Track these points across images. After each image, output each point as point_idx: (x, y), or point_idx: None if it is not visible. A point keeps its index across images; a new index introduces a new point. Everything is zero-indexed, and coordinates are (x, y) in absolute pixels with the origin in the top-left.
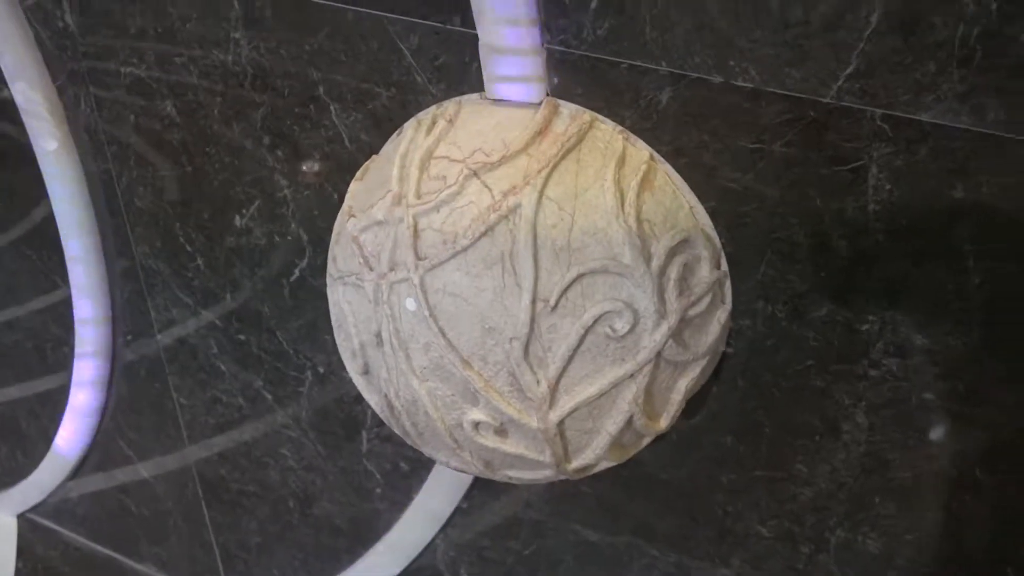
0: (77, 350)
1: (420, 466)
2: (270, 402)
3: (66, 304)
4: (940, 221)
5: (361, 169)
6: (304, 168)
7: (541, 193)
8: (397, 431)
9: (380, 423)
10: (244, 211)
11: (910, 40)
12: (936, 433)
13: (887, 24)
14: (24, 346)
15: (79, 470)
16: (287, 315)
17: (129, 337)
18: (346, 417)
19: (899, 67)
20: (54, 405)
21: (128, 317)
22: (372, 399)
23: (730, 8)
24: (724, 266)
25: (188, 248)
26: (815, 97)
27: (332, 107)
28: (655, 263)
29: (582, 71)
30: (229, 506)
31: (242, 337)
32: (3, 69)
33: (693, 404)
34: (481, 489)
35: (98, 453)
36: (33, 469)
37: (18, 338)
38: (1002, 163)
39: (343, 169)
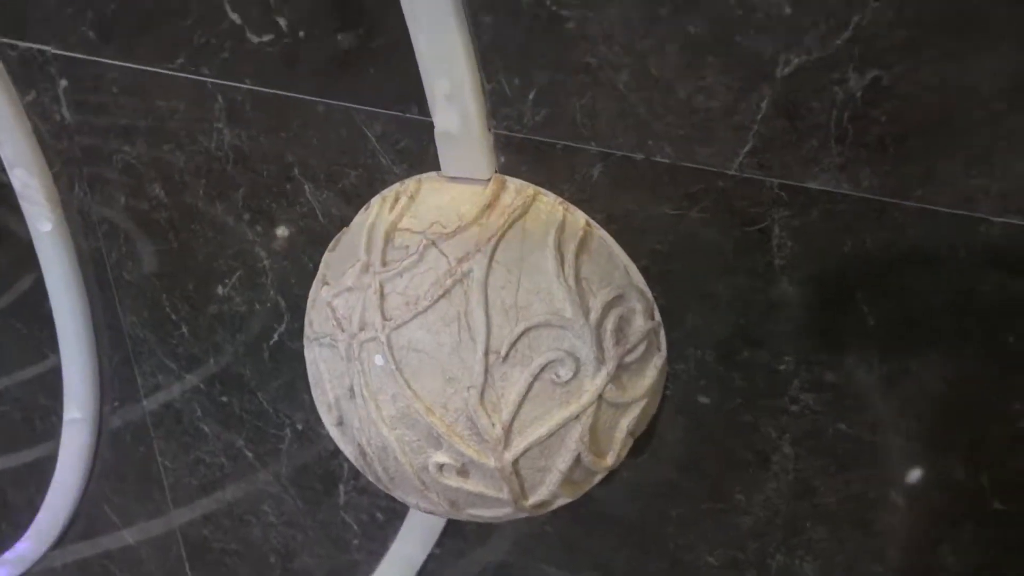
0: (65, 418)
1: (395, 516)
2: (251, 460)
3: (55, 374)
4: (835, 272)
5: (333, 241)
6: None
7: (491, 259)
8: (370, 477)
9: (356, 475)
10: (226, 281)
11: (795, 122)
12: (851, 459)
13: (775, 110)
14: (12, 416)
15: (64, 538)
16: (267, 376)
17: (116, 403)
18: (324, 472)
19: (788, 144)
20: (41, 474)
21: (116, 384)
22: (347, 449)
23: (645, 97)
24: (657, 317)
25: (173, 317)
26: (722, 170)
27: (306, 186)
28: (593, 316)
29: (525, 151)
30: (212, 566)
31: (224, 399)
32: (3, 157)
33: (640, 443)
34: (452, 535)
35: (83, 521)
36: (18, 539)
37: (6, 408)
38: (878, 222)
39: (317, 241)
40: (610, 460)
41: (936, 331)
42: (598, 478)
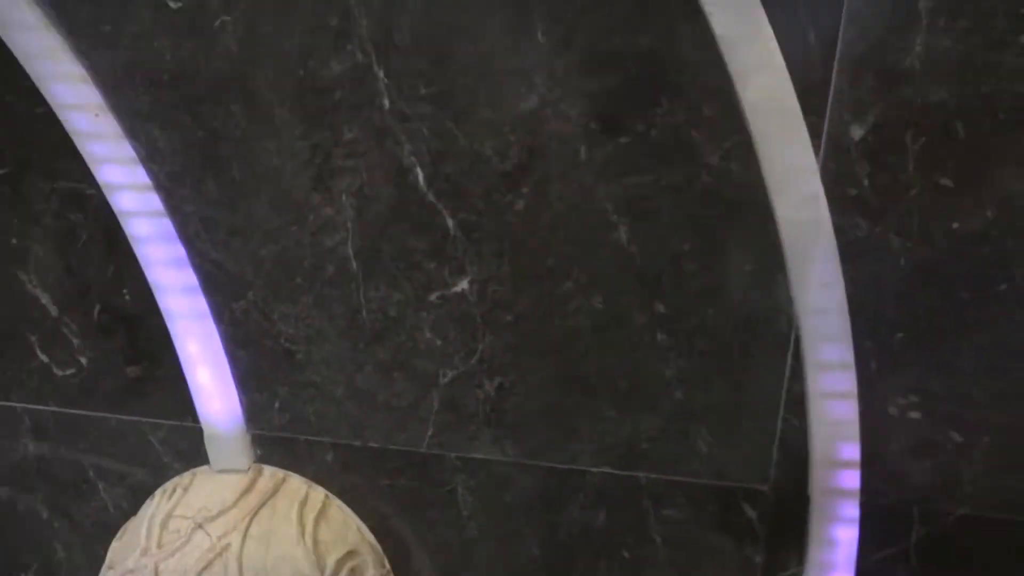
0: None
1: None
2: None
3: None
4: (506, 516)
5: (121, 530)
6: None
7: (245, 534)
8: None
9: None
10: (23, 575)
11: (458, 413)
12: None
13: (443, 406)
14: None
15: None
16: None
17: None
18: None
19: (456, 429)
20: None
21: None
22: None
23: (356, 402)
24: (387, 565)
25: None
26: (416, 449)
27: (100, 484)
28: (328, 571)
29: (276, 445)
30: None
31: None
32: None
33: None
34: None
35: None
36: None
37: None
38: (524, 478)
39: (109, 532)
40: None
41: (576, 556)
42: None
